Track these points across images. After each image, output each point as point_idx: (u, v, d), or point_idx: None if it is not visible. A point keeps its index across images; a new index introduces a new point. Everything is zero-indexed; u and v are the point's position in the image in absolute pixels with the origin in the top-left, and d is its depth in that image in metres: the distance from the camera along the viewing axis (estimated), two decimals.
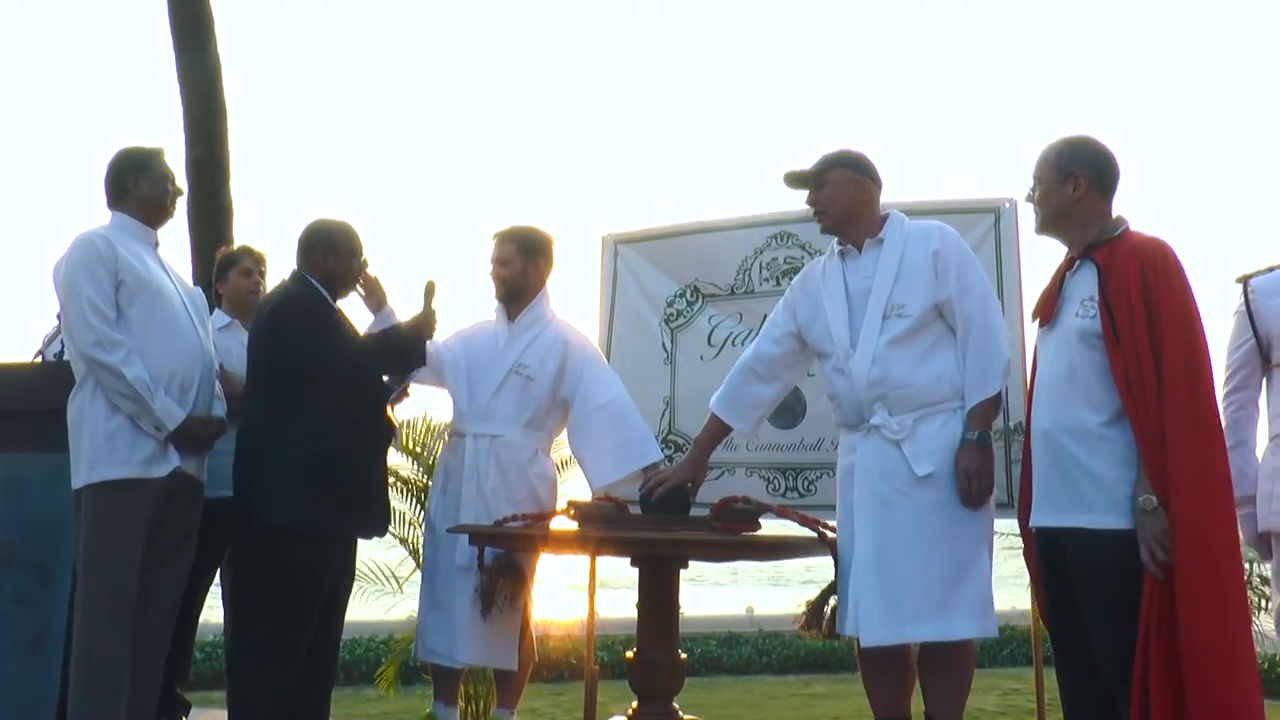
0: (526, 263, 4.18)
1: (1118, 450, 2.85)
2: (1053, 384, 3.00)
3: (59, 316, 3.67)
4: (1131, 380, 2.81)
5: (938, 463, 3.30)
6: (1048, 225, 3.12)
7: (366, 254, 3.89)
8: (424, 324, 3.77)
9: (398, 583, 5.32)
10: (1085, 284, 2.97)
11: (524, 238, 4.21)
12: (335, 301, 3.81)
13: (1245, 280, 3.40)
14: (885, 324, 3.40)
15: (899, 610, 3.25)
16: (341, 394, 3.61)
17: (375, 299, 4.15)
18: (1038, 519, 3.04)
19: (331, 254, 3.77)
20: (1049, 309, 3.08)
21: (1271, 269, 3.41)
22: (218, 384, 3.67)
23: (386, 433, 3.88)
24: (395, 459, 5.19)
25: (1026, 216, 4.35)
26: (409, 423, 5.36)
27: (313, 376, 3.57)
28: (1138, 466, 2.81)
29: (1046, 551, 3.04)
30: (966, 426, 3.33)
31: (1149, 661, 2.72)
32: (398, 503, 5.26)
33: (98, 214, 3.61)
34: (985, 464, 3.31)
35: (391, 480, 5.20)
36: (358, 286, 4.00)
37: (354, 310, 3.97)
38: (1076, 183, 3.01)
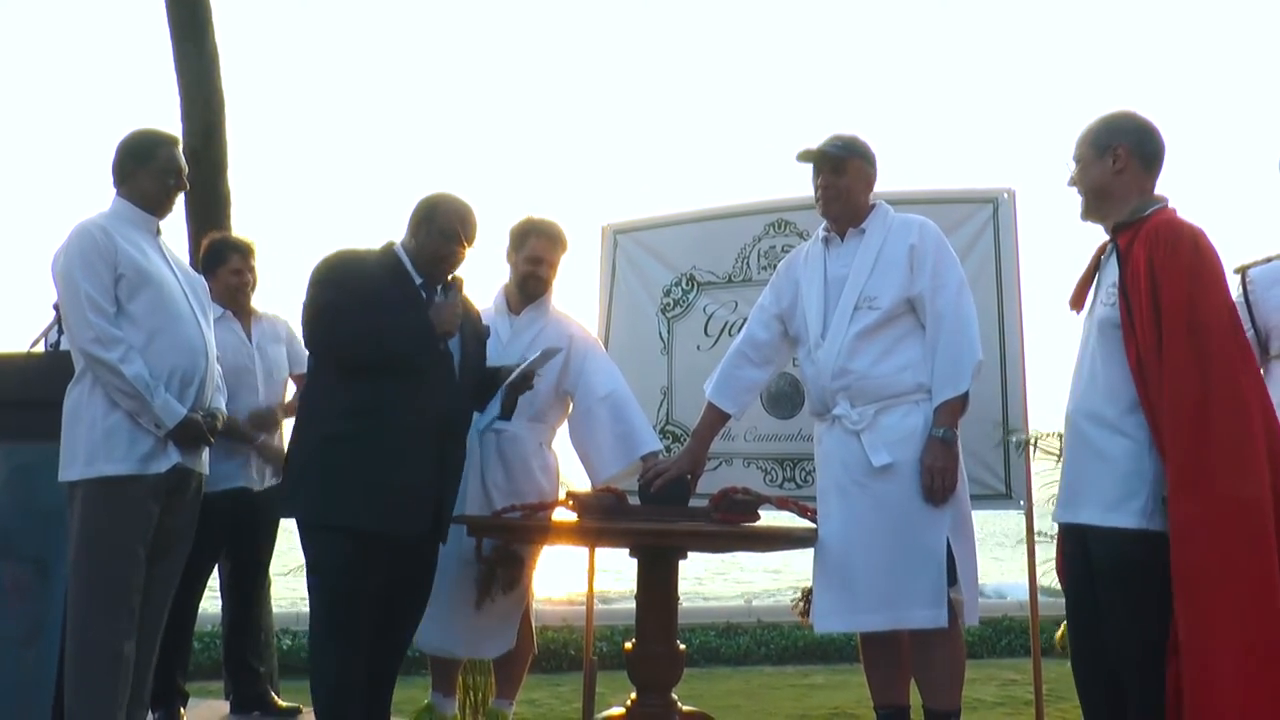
0: (558, 264, 4.19)
1: (1134, 444, 2.78)
2: (1078, 373, 2.97)
3: (56, 307, 3.66)
4: (1146, 370, 2.72)
5: (896, 454, 3.33)
6: (1090, 207, 3.00)
7: (470, 245, 3.54)
8: (438, 316, 3.41)
9: None
10: (1113, 271, 2.88)
11: (565, 240, 4.18)
12: (425, 278, 3.50)
13: (1243, 271, 3.39)
14: (855, 315, 3.43)
15: (852, 599, 3.31)
16: (371, 373, 3.32)
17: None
18: (1061, 514, 3.00)
19: (425, 225, 3.50)
20: (1081, 295, 3.02)
21: (1269, 259, 3.40)
22: (219, 376, 3.65)
23: (446, 419, 3.46)
24: None
25: (1025, 208, 4.38)
26: None
27: (314, 351, 3.44)
28: (1158, 460, 2.72)
29: (1069, 545, 3.00)
30: (933, 423, 3.34)
31: (1181, 671, 2.63)
32: None
33: (95, 205, 3.56)
34: (949, 461, 3.32)
35: None
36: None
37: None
38: (1116, 155, 2.91)
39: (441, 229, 3.48)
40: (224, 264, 4.41)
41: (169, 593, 3.55)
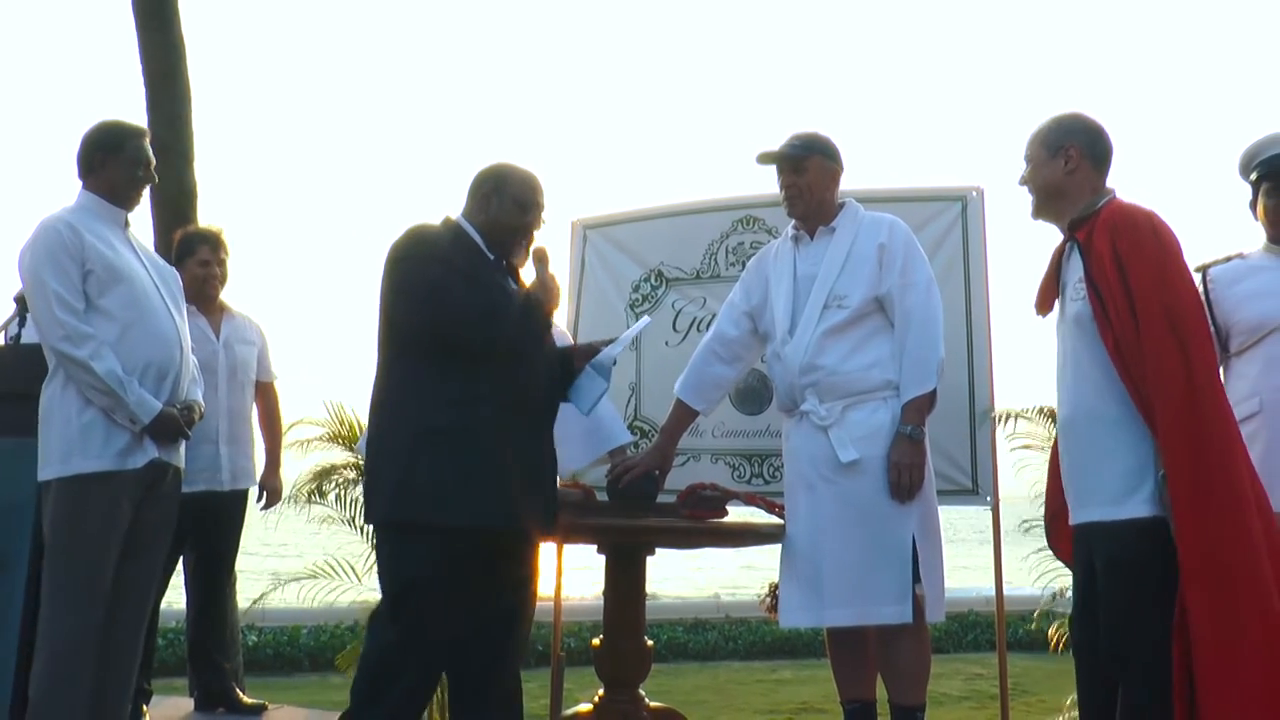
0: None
1: (1130, 435, 2.76)
2: (1062, 374, 2.97)
3: (16, 300, 3.62)
4: (1126, 357, 2.73)
5: (863, 450, 3.34)
6: (1042, 206, 3.03)
7: (543, 214, 3.29)
8: (545, 290, 3.16)
9: (356, 575, 5.29)
10: (1077, 266, 2.90)
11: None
12: (497, 256, 3.24)
13: (1204, 270, 3.41)
14: (825, 313, 3.44)
15: (819, 594, 3.33)
16: (469, 358, 3.03)
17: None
18: (1074, 516, 2.95)
19: (496, 196, 3.22)
20: (1047, 298, 3.04)
21: (1229, 258, 3.43)
22: (195, 368, 3.61)
23: (541, 407, 3.22)
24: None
25: (993, 205, 4.41)
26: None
27: (422, 336, 3.05)
28: (1152, 444, 2.71)
29: (1079, 546, 2.96)
30: (901, 420, 3.36)
31: (1192, 655, 2.61)
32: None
33: (56, 195, 3.51)
34: (917, 458, 3.34)
35: (351, 468, 5.17)
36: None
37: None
38: (1068, 155, 2.95)
39: (516, 198, 3.23)
40: (192, 255, 4.36)
41: (153, 589, 3.53)
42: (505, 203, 3.22)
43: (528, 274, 3.27)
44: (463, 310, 3.02)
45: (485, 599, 3.11)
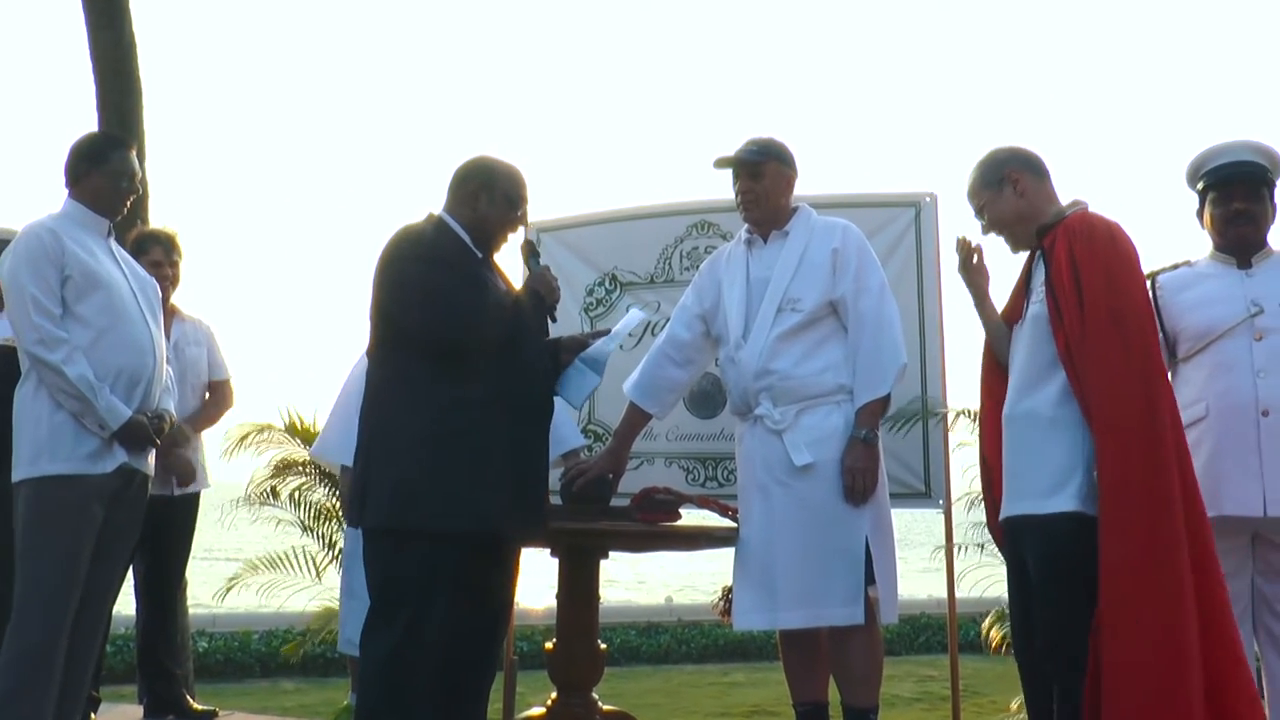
0: None
1: (1066, 434, 2.84)
2: (1014, 372, 3.03)
3: None
4: (1074, 357, 2.80)
5: (817, 454, 3.37)
6: (1016, 237, 3.12)
7: (530, 209, 3.30)
8: (543, 285, 3.22)
9: (316, 571, 5.24)
10: (1041, 271, 2.99)
11: None
12: (484, 253, 3.24)
13: (1153, 277, 3.47)
14: (779, 317, 3.47)
15: (772, 596, 3.35)
16: (467, 359, 3.02)
17: None
18: (1004, 510, 3.03)
19: (485, 193, 3.19)
20: (1017, 306, 3.11)
21: (1177, 266, 3.49)
22: (169, 377, 3.62)
23: (539, 406, 3.20)
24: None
25: (947, 212, 4.45)
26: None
27: (418, 337, 3.02)
28: (1091, 445, 2.78)
29: (1010, 541, 3.03)
30: (855, 424, 3.39)
31: (1100, 662, 2.67)
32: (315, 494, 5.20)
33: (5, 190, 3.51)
34: (870, 462, 3.37)
35: (307, 470, 5.14)
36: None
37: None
38: (1014, 181, 3.05)
39: (506, 195, 3.21)
40: (144, 255, 4.33)
41: (113, 593, 3.54)
42: (496, 199, 3.20)
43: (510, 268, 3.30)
44: (455, 310, 3.01)
45: (475, 602, 3.08)
